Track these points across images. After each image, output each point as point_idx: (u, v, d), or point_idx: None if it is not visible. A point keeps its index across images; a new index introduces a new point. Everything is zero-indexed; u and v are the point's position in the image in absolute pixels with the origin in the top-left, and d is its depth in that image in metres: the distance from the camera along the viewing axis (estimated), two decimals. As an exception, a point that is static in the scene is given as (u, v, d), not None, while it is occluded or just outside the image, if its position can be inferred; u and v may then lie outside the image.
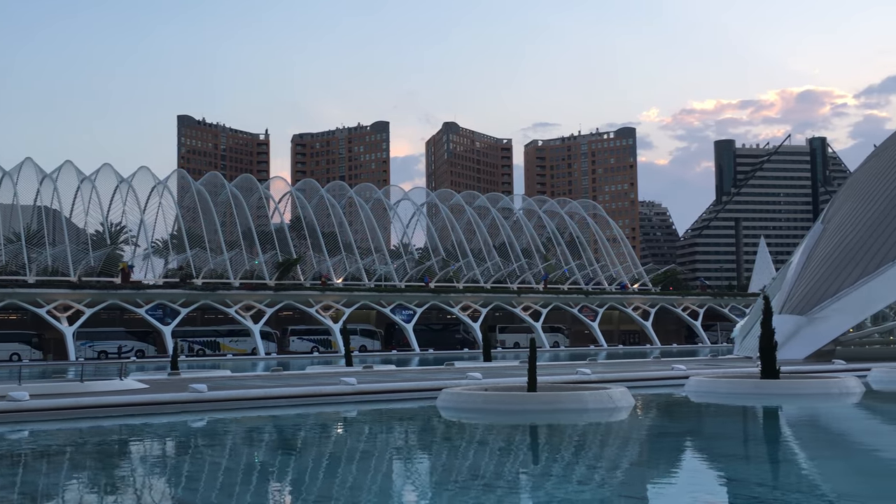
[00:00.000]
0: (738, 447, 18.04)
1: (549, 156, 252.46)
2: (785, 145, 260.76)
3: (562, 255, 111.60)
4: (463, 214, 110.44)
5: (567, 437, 19.36)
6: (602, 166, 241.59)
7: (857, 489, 13.00)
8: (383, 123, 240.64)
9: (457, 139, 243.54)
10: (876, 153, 64.15)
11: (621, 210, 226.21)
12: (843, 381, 27.14)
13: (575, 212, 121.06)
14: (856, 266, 49.05)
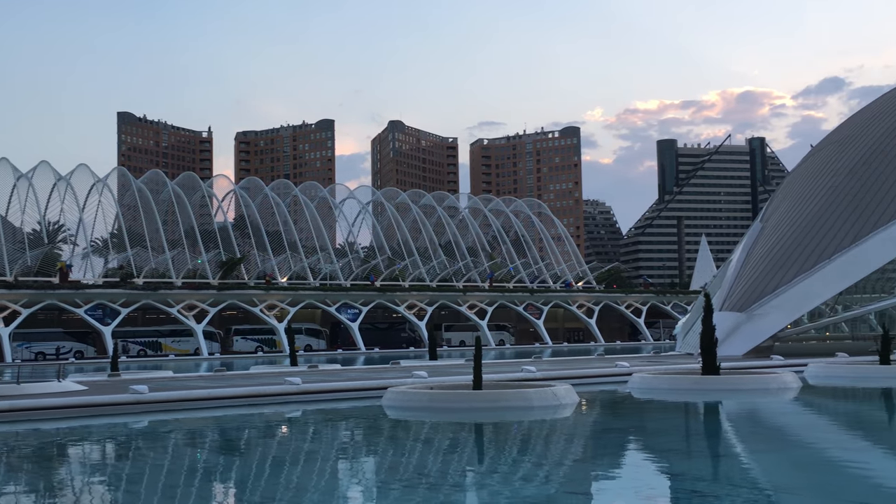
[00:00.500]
0: (680, 442, 18.31)
1: (495, 155, 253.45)
2: (725, 145, 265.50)
3: (507, 253, 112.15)
4: (409, 213, 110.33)
5: (512, 435, 19.45)
6: (547, 165, 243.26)
7: (794, 482, 13.27)
8: (328, 121, 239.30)
9: (402, 138, 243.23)
10: (812, 153, 65.65)
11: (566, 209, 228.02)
12: (781, 377, 27.72)
13: (520, 210, 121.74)
14: (793, 264, 50.12)
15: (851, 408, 26.83)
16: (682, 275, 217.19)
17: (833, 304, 58.66)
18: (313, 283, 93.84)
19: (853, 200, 52.09)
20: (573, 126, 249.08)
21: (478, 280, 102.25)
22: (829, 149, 60.81)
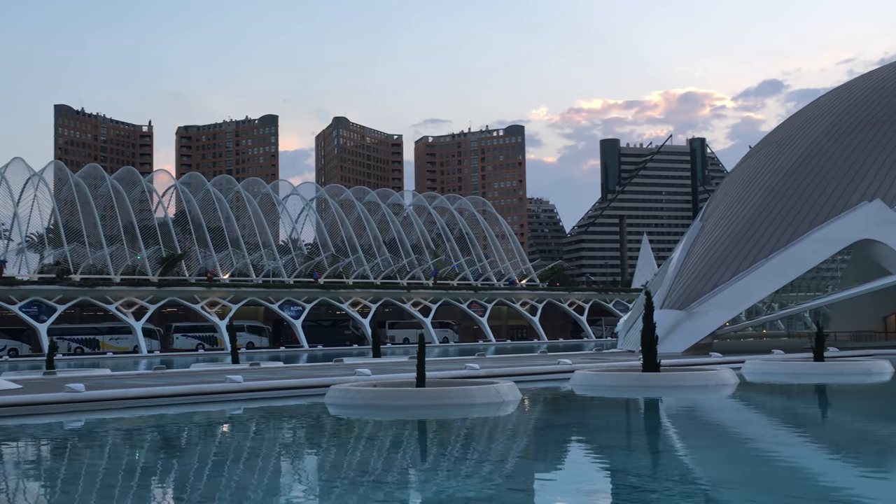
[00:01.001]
0: (621, 439, 18.51)
1: (440, 152, 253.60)
2: (667, 145, 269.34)
3: (451, 251, 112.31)
4: (353, 210, 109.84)
5: (455, 432, 19.48)
6: (492, 163, 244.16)
7: (731, 477, 13.51)
8: (272, 117, 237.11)
9: (347, 134, 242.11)
10: (751, 154, 66.93)
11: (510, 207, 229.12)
12: (719, 374, 28.21)
13: (464, 208, 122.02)
14: (731, 263, 51.04)
15: (787, 404, 27.42)
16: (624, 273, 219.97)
17: (770, 303, 59.99)
18: (256, 280, 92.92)
19: (789, 201, 53.23)
20: (518, 125, 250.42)
21: (422, 277, 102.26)
22: (767, 150, 62.05)
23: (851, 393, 28.98)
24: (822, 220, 50.75)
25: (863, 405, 25.77)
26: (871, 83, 62.21)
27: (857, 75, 71.52)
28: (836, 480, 13.05)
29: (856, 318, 62.41)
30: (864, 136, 55.20)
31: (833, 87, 70.33)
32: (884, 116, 56.12)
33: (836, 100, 62.65)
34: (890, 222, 49.50)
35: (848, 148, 54.95)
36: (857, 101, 59.71)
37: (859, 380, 31.41)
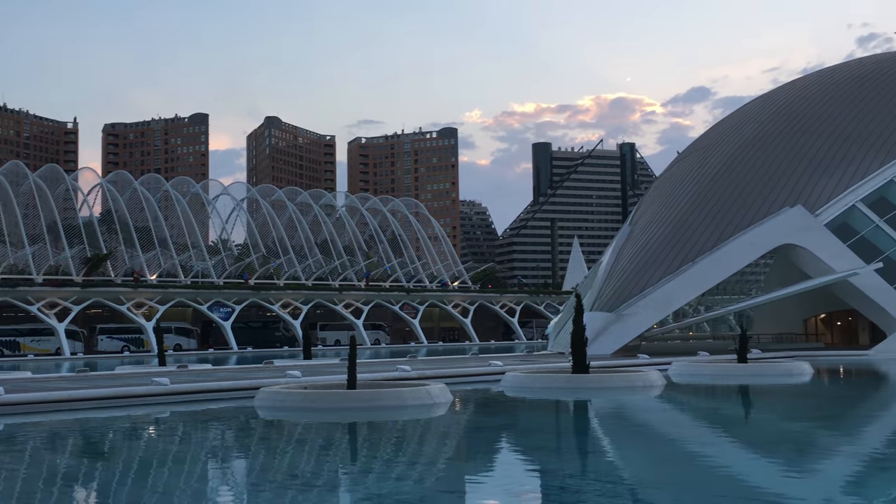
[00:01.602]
0: (550, 440, 18.68)
1: (373, 154, 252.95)
2: (598, 149, 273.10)
3: (384, 252, 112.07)
4: (284, 210, 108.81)
5: (386, 434, 19.42)
6: (425, 165, 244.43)
7: (657, 476, 13.73)
8: (202, 115, 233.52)
9: (279, 134, 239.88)
10: (678, 160, 68.25)
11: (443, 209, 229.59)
12: (647, 375, 28.68)
13: (397, 210, 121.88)
14: (659, 266, 51.95)
15: (711, 404, 28.01)
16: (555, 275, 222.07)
17: (696, 305, 61.19)
18: (184, 280, 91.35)
19: (715, 206, 54.39)
20: (451, 127, 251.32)
21: (354, 279, 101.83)
22: (694, 156, 63.33)
23: (773, 393, 29.74)
24: (746, 225, 51.98)
25: (783, 405, 26.46)
26: (794, 92, 63.99)
27: (780, 84, 73.53)
28: (758, 479, 13.36)
29: (778, 321, 64.07)
30: (786, 144, 56.72)
31: (758, 94, 72.18)
32: (805, 125, 57.76)
33: (760, 108, 64.26)
34: (810, 228, 50.95)
35: (771, 155, 56.40)
36: (779, 109, 61.34)
37: (780, 380, 32.25)
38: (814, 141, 56.07)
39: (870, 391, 32.04)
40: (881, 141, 54.22)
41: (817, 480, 13.24)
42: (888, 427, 20.51)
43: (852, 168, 53.23)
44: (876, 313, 51.09)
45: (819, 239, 50.63)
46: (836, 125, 56.55)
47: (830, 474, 13.76)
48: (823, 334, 64.74)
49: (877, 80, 60.12)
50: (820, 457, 15.76)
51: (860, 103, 57.86)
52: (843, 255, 50.00)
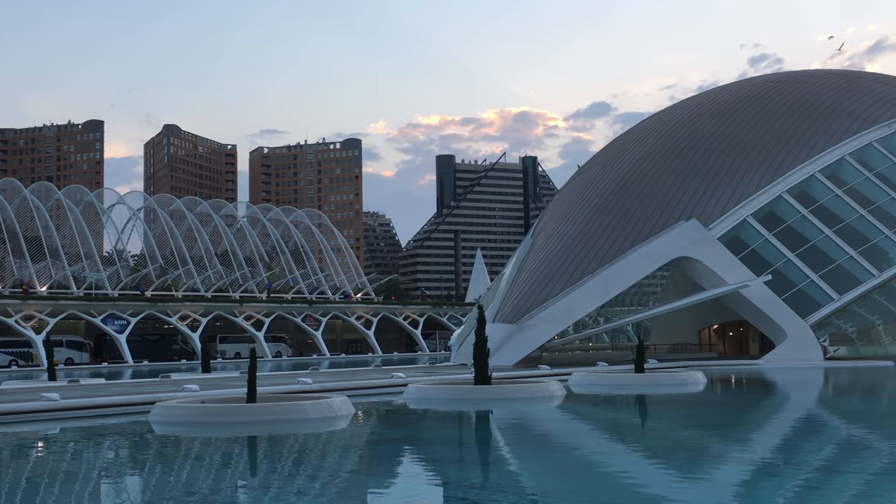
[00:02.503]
0: (452, 451, 18.69)
1: (275, 164, 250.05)
2: (501, 162, 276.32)
3: (286, 263, 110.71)
4: (183, 221, 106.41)
5: (286, 448, 19.11)
6: (328, 176, 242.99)
7: (559, 486, 13.88)
8: (98, 122, 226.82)
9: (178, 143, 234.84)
10: (579, 173, 69.58)
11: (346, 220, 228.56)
12: (547, 386, 29.03)
13: (300, 221, 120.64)
14: (560, 278, 52.77)
15: (610, 414, 28.51)
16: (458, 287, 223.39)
17: (595, 316, 62.37)
18: (77, 292, 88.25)
19: (614, 219, 55.62)
20: (355, 138, 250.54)
21: (255, 290, 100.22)
22: (594, 170, 64.68)
23: (668, 402, 30.49)
24: (644, 238, 53.30)
25: (678, 414, 27.15)
26: (689, 109, 66.06)
27: (677, 101, 75.79)
28: (654, 486, 13.65)
29: (674, 332, 65.86)
30: (681, 159, 58.45)
31: (655, 111, 74.25)
32: (699, 141, 59.65)
33: (657, 124, 66.11)
34: (704, 241, 52.57)
35: (667, 170, 58.03)
36: (675, 125, 63.21)
37: (675, 390, 33.09)
38: (707, 157, 57.94)
39: (759, 399, 33.18)
40: (770, 157, 56.41)
41: (709, 486, 13.60)
42: (776, 434, 21.26)
43: (743, 183, 55.20)
44: (765, 324, 53.00)
45: (712, 252, 52.27)
46: (729, 142, 58.59)
47: (722, 480, 14.15)
48: (716, 344, 66.85)
49: (766, 99, 62.57)
50: (712, 463, 16.21)
51: (751, 121, 60.11)
52: (734, 268, 51.73)
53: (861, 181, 54.97)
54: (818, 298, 50.95)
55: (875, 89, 62.64)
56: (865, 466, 15.41)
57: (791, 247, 52.30)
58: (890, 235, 52.34)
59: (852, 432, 21.22)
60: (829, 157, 55.74)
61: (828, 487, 13.36)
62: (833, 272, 51.46)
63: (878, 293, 51.27)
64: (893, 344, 51.51)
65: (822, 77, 67.62)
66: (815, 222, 53.02)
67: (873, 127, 57.39)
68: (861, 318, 51.22)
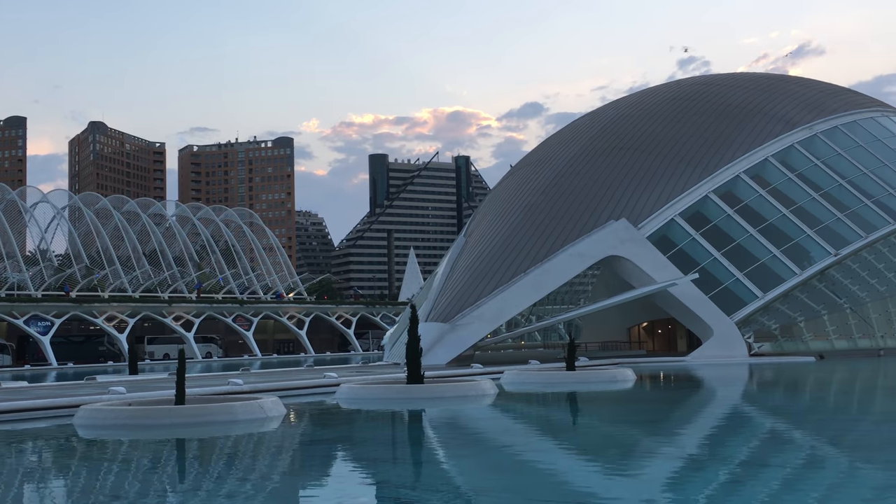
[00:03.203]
0: (385, 451, 18.64)
1: (206, 162, 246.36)
2: (434, 162, 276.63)
3: (217, 263, 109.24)
4: (110, 219, 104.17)
5: (216, 450, 18.84)
6: (259, 175, 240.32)
7: (491, 484, 13.95)
8: (20, 118, 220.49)
9: (104, 140, 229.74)
10: (511, 173, 70.07)
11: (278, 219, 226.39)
12: (480, 384, 29.16)
13: (231, 220, 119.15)
14: (493, 277, 53.05)
15: (542, 412, 28.76)
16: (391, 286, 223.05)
17: (528, 315, 62.90)
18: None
19: (546, 218, 56.14)
20: (287, 136, 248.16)
21: (185, 291, 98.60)
22: (526, 169, 65.19)
23: (599, 399, 30.89)
24: (575, 237, 53.90)
25: (608, 411, 27.53)
26: (619, 110, 67.03)
27: (608, 102, 76.82)
28: (585, 483, 13.81)
29: (604, 330, 66.77)
30: (611, 160, 59.28)
31: (587, 111, 75.15)
32: (629, 142, 60.57)
33: (588, 124, 66.94)
34: (633, 240, 53.39)
35: (598, 170, 58.79)
36: (605, 126, 64.08)
37: (605, 387, 33.54)
38: (637, 157, 58.86)
39: (686, 395, 33.84)
40: (697, 158, 57.56)
41: (639, 482, 13.82)
42: (702, 429, 21.70)
43: (671, 183, 56.22)
44: (692, 321, 54.08)
45: (641, 251, 53.13)
46: (658, 142, 59.62)
47: (651, 475, 14.39)
48: (645, 342, 68.01)
49: (694, 101, 63.84)
50: (642, 459, 16.47)
51: (679, 122, 61.26)
52: (663, 267, 52.65)
53: (784, 182, 56.47)
54: (743, 296, 52.17)
55: (797, 92, 64.42)
56: (787, 460, 15.84)
57: (717, 246, 53.45)
58: (811, 235, 53.88)
59: (775, 426, 21.79)
60: (754, 159, 57.13)
61: (752, 481, 13.69)
62: (757, 270, 52.76)
63: (800, 291, 52.73)
64: (815, 340, 53.04)
65: (747, 80, 69.27)
66: (741, 222, 54.29)
67: (795, 129, 59.01)
68: (784, 315, 52.60)
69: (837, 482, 13.47)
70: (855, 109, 62.68)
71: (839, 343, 53.12)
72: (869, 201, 55.75)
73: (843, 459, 15.69)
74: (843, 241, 53.88)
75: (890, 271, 54.37)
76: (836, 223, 54.62)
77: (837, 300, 53.29)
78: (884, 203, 55.97)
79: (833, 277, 53.48)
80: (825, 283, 53.34)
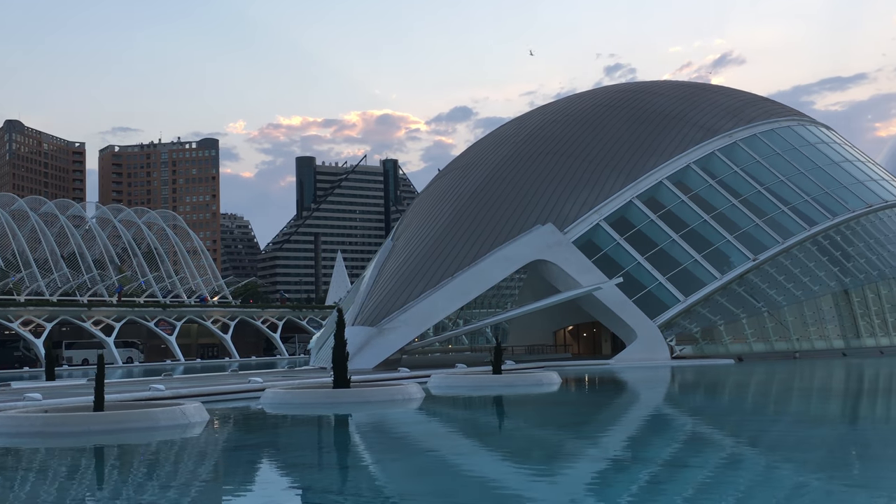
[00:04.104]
0: (310, 456, 18.47)
1: (128, 163, 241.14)
2: (361, 165, 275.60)
3: (139, 266, 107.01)
4: (27, 221, 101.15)
5: (136, 458, 18.40)
6: (184, 176, 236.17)
7: (417, 488, 13.91)
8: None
9: (21, 139, 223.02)
10: (439, 177, 70.23)
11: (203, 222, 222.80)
12: (406, 388, 29.11)
13: (154, 222, 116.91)
14: (420, 281, 53.06)
15: (468, 415, 28.86)
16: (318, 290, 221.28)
17: (455, 319, 63.12)
18: None
19: (473, 222, 56.37)
20: (212, 138, 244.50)
21: (105, 294, 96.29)
22: (454, 174, 65.38)
23: (525, 402, 31.11)
24: (502, 241, 54.24)
25: (534, 413, 27.74)
26: (546, 116, 67.72)
27: (536, 107, 77.54)
28: (511, 485, 13.88)
29: (531, 333, 67.36)
30: (538, 165, 59.83)
31: (515, 116, 75.73)
32: (556, 147, 61.24)
33: (516, 129, 67.46)
34: (559, 244, 53.97)
35: (525, 175, 59.28)
36: (532, 131, 64.66)
37: (531, 390, 33.81)
38: (563, 162, 59.54)
39: (610, 397, 34.34)
40: (622, 164, 58.50)
41: (564, 483, 13.95)
42: (626, 430, 22.02)
43: (597, 189, 57.02)
44: (616, 324, 54.91)
45: (567, 255, 53.73)
46: (583, 148, 60.41)
47: (576, 477, 14.54)
48: (571, 345, 68.80)
49: (619, 108, 64.88)
50: (566, 461, 16.64)
51: (604, 128, 62.18)
52: (588, 271, 53.34)
53: (705, 188, 57.77)
54: (666, 300, 53.18)
55: (718, 101, 66.00)
56: (707, 460, 16.18)
57: (641, 250, 54.39)
58: (731, 240, 55.23)
59: (695, 428, 22.24)
60: (676, 165, 58.31)
61: (673, 481, 13.94)
62: (679, 275, 53.85)
63: (720, 295, 53.99)
64: (734, 343, 54.35)
65: (670, 88, 70.70)
66: (664, 227, 55.34)
67: (715, 136, 60.44)
68: (704, 318, 53.78)
69: (755, 482, 13.80)
70: (773, 118, 64.51)
71: (757, 346, 54.55)
72: (786, 208, 57.41)
73: (761, 459, 16.09)
74: (761, 246, 55.37)
75: (805, 276, 56.06)
76: (755, 229, 56.10)
77: (756, 304, 54.71)
78: (800, 209, 57.70)
79: (752, 282, 54.90)
80: (744, 287, 54.71)
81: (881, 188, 63.52)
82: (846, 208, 59.04)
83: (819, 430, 20.40)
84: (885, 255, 59.82)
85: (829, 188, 59.70)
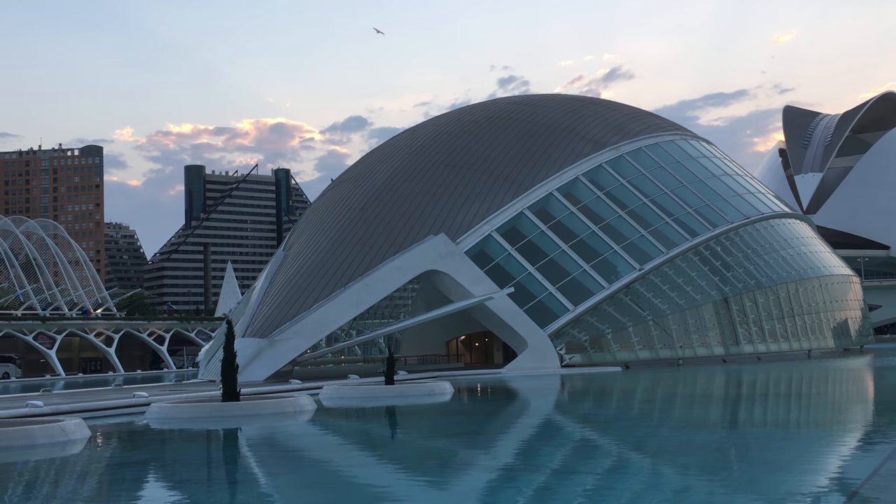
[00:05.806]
0: (198, 472, 18.02)
1: (5, 170, 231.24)
2: (253, 174, 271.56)
3: (16, 277, 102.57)
4: None
5: (12, 478, 17.59)
6: (65, 184, 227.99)
7: (308, 501, 13.76)
8: None
9: None
10: (332, 187, 69.78)
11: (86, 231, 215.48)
12: (297, 400, 28.76)
13: (33, 231, 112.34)
14: (312, 291, 52.54)
15: (360, 426, 28.72)
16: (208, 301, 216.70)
17: (348, 329, 62.71)
18: None
19: (366, 233, 56.21)
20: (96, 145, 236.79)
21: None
22: (347, 184, 65.09)
23: (417, 412, 31.16)
24: (395, 252, 54.25)
25: (426, 423, 27.79)
26: (439, 127, 68.17)
27: (430, 117, 77.91)
28: (404, 496, 13.85)
29: (424, 344, 67.52)
30: (431, 175, 60.15)
31: (409, 126, 75.91)
32: (448, 159, 61.70)
33: (409, 140, 67.67)
34: (452, 255, 54.33)
35: (418, 186, 59.50)
36: (425, 142, 64.98)
37: (424, 400, 33.90)
38: (456, 173, 60.03)
39: (501, 406, 34.72)
40: (513, 175, 59.36)
41: (456, 492, 14.01)
42: (517, 439, 22.30)
43: (489, 200, 57.68)
44: (508, 334, 55.58)
45: (460, 265, 54.13)
46: (476, 159, 61.04)
47: (468, 486, 14.62)
48: (463, 355, 69.30)
49: (510, 120, 65.85)
50: (459, 470, 16.72)
51: (496, 140, 62.99)
52: (480, 281, 53.85)
53: (593, 199, 59.18)
54: (556, 309, 54.15)
55: (606, 115, 67.78)
56: (595, 466, 16.53)
57: (532, 260, 55.26)
58: (618, 250, 56.71)
59: (584, 434, 22.70)
60: (566, 177, 59.54)
61: (563, 487, 14.18)
62: (569, 285, 54.94)
63: (608, 304, 55.34)
64: (621, 351, 55.75)
65: (560, 101, 72.22)
66: (553, 237, 56.38)
67: (603, 150, 62.02)
68: (593, 327, 55.00)
69: (642, 486, 14.17)
70: (657, 132, 66.64)
71: (643, 353, 56.09)
72: (669, 219, 59.34)
73: (647, 463, 16.53)
74: (646, 256, 57.06)
75: (688, 285, 58.02)
76: (640, 239, 57.77)
77: (641, 313, 56.28)
78: (682, 221, 59.75)
79: (637, 291, 56.48)
80: (630, 296, 56.24)
81: (758, 201, 66.44)
82: (725, 220, 61.47)
83: (700, 435, 21.09)
84: (761, 265, 62.52)
85: (709, 200, 62.04)
